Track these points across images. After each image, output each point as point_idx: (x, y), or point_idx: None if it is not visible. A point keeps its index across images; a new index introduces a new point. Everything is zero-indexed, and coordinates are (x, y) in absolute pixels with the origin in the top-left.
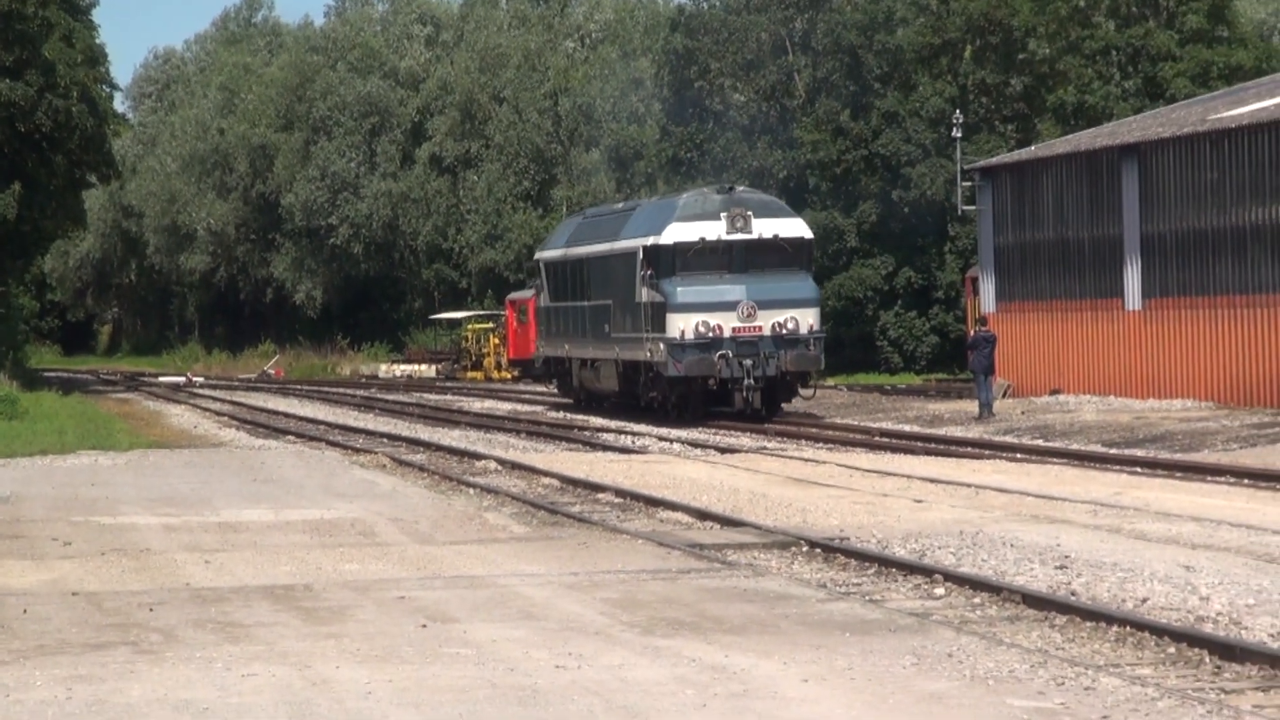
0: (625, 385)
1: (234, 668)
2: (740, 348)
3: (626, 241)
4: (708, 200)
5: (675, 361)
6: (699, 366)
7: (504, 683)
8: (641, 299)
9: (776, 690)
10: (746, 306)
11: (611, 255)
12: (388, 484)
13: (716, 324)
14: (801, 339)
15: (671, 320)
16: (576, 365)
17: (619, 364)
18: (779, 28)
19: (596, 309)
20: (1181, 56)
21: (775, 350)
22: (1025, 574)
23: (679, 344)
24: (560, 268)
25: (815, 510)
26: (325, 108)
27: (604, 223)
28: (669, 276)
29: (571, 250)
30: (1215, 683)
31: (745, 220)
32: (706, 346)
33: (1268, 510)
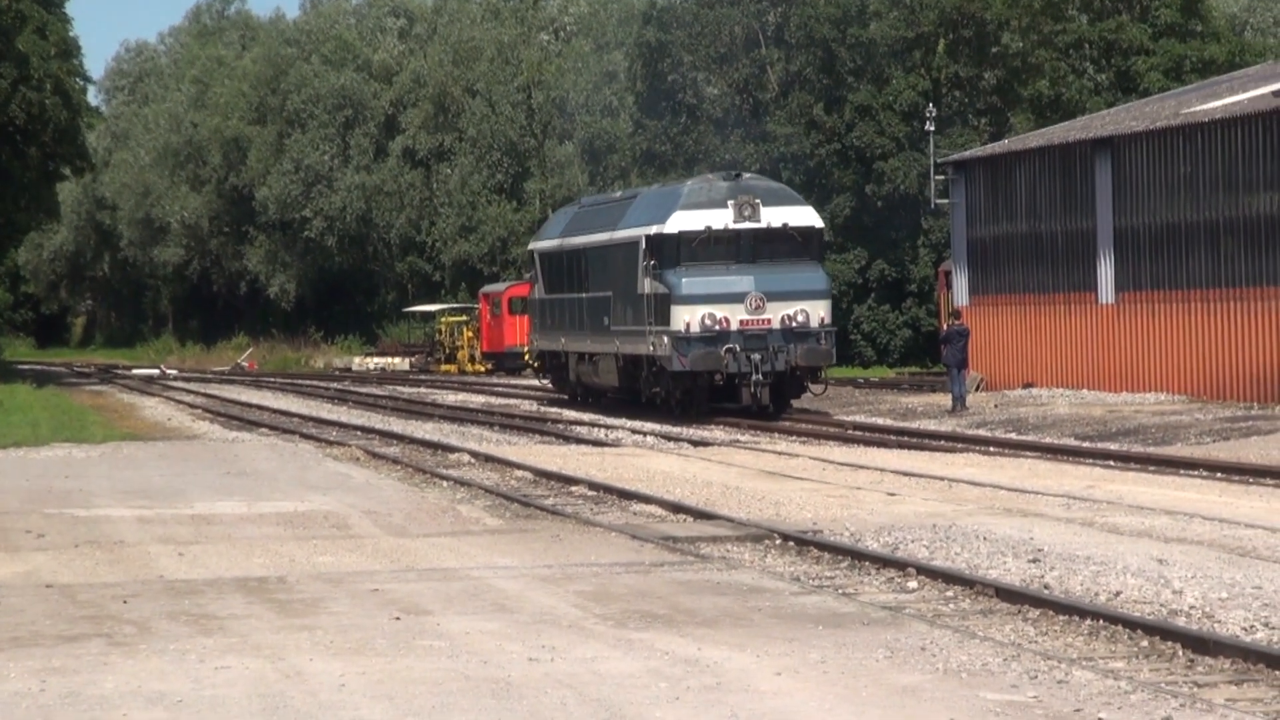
0: (625, 380)
1: (207, 660)
2: (748, 341)
3: (627, 231)
4: (714, 187)
5: (680, 356)
6: (705, 361)
7: (477, 675)
8: (644, 290)
9: (750, 683)
10: (755, 298)
11: (611, 245)
12: (361, 476)
13: (723, 316)
14: (812, 332)
15: (676, 312)
16: (573, 360)
17: (619, 358)
18: (752, 21)
19: (595, 301)
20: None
21: (785, 344)
22: (998, 567)
23: (684, 337)
24: (556, 259)
25: (788, 503)
26: (299, 101)
27: (602, 212)
28: (673, 267)
29: (568, 240)
30: (1188, 676)
31: (753, 208)
32: (713, 340)
33: (1240, 504)
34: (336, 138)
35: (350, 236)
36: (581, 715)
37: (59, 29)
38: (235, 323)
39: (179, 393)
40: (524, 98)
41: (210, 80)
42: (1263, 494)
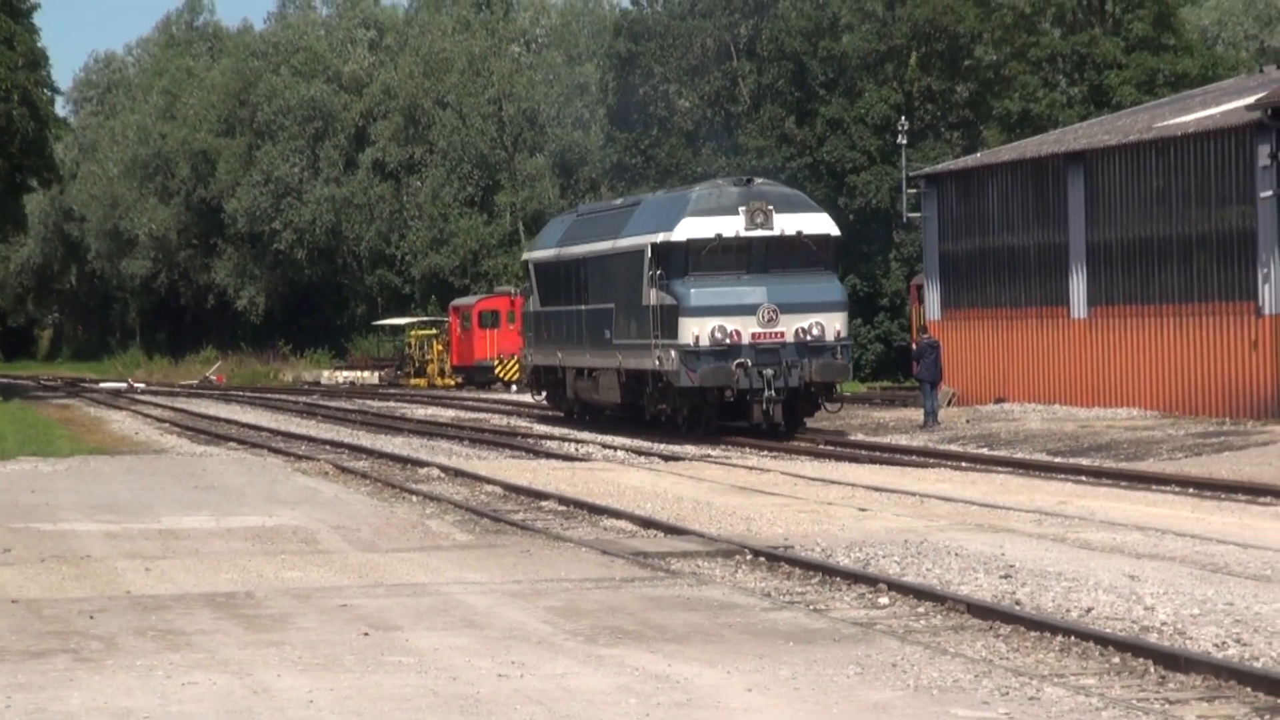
0: (628, 397)
1: (174, 676)
2: (760, 356)
3: (631, 239)
4: (724, 193)
5: (688, 370)
6: (715, 376)
7: (446, 691)
8: (649, 302)
9: (720, 700)
10: (768, 310)
11: (613, 255)
12: (330, 491)
13: (734, 329)
14: (828, 346)
15: (684, 325)
16: (571, 375)
17: (621, 373)
18: (723, 33)
19: (595, 313)
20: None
21: (799, 359)
22: (970, 583)
23: (693, 351)
24: (552, 269)
25: (759, 518)
26: (268, 112)
27: (602, 220)
28: (681, 277)
29: (565, 250)
30: (1160, 693)
31: (766, 215)
32: (723, 354)
33: (1212, 520)
34: (306, 150)
35: (320, 249)
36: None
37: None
38: (203, 336)
39: (147, 406)
40: (495, 110)
41: (179, 91)
42: (1235, 510)
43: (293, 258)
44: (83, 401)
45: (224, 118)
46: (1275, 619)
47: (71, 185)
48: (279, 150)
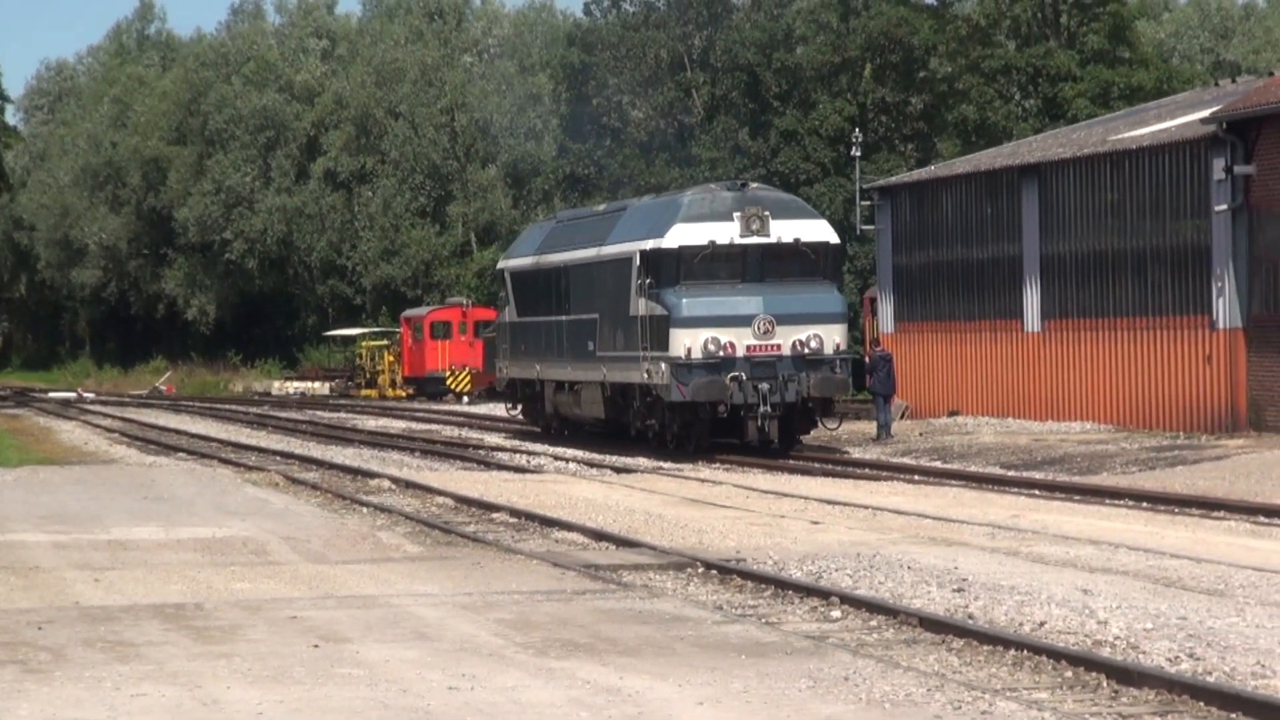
0: (613, 412)
1: (123, 687)
2: (755, 369)
3: (617, 246)
4: (717, 198)
5: (679, 384)
6: (708, 390)
7: (397, 704)
8: (638, 312)
9: (671, 713)
10: (763, 321)
11: (597, 263)
12: (280, 502)
13: (728, 341)
14: (826, 360)
15: (675, 337)
16: (550, 389)
17: (606, 387)
18: (677, 44)
19: (577, 324)
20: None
21: (796, 372)
22: (922, 597)
23: (684, 364)
24: (530, 278)
25: (711, 531)
26: (219, 121)
27: (584, 227)
28: (672, 286)
29: (545, 258)
30: (1112, 707)
31: (762, 221)
32: (716, 367)
33: (1166, 534)
34: (257, 159)
35: (271, 259)
36: None
37: None
38: (153, 346)
39: (96, 416)
40: (447, 120)
41: (130, 100)
42: (1189, 524)
43: (243, 267)
44: (32, 411)
45: (175, 126)
46: (1228, 634)
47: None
48: (230, 159)
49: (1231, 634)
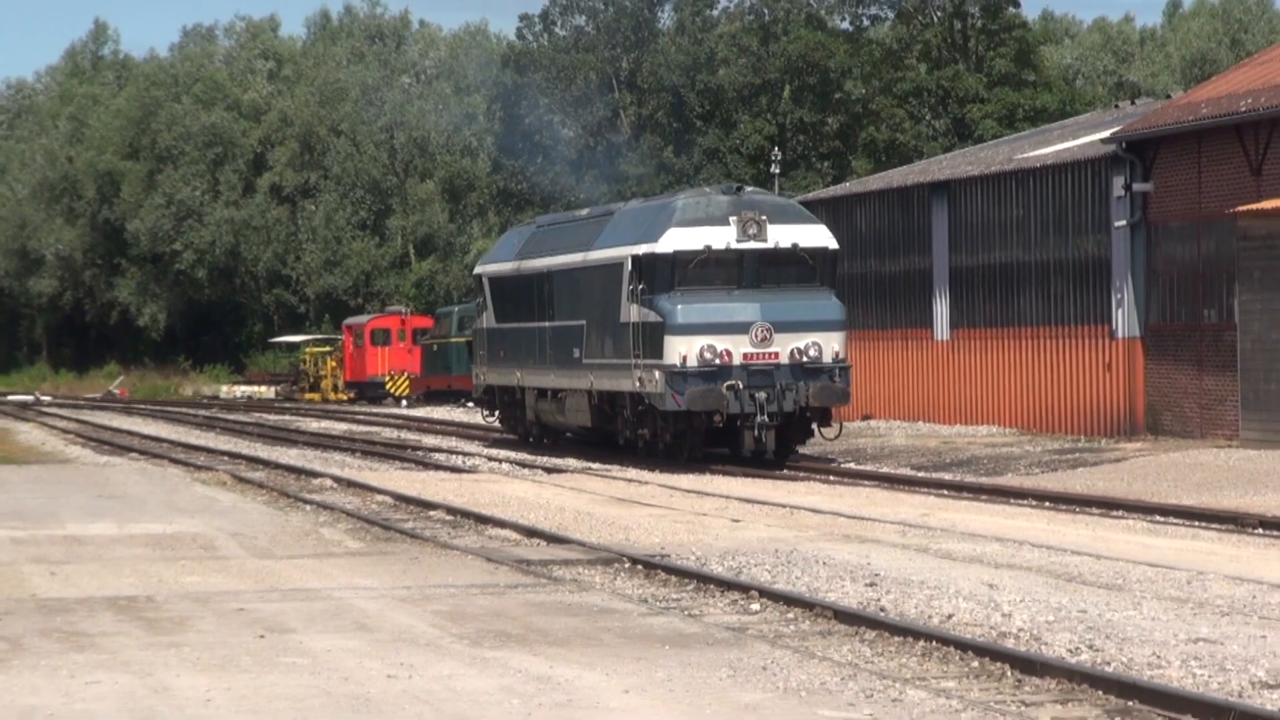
0: (600, 420)
1: (78, 675)
2: (752, 378)
3: (606, 251)
4: (712, 202)
5: (674, 393)
6: (705, 400)
7: (338, 691)
8: (629, 319)
9: (599, 700)
10: (761, 329)
11: (585, 268)
12: (228, 500)
13: (725, 349)
14: (825, 368)
15: (670, 344)
16: (532, 396)
17: (593, 395)
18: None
19: (562, 331)
20: (989, 99)
21: (794, 381)
22: (837, 590)
23: (679, 372)
24: (510, 284)
25: (637, 528)
26: (170, 138)
27: (568, 231)
28: (666, 292)
29: (526, 264)
30: (1016, 695)
31: (759, 226)
32: (712, 376)
33: (1067, 531)
34: (206, 174)
35: (219, 269)
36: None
37: None
38: (107, 351)
39: (52, 418)
40: (386, 137)
41: (85, 117)
42: (1088, 522)
43: (193, 277)
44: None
45: (128, 142)
46: (1126, 626)
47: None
48: (180, 174)
49: (1129, 626)
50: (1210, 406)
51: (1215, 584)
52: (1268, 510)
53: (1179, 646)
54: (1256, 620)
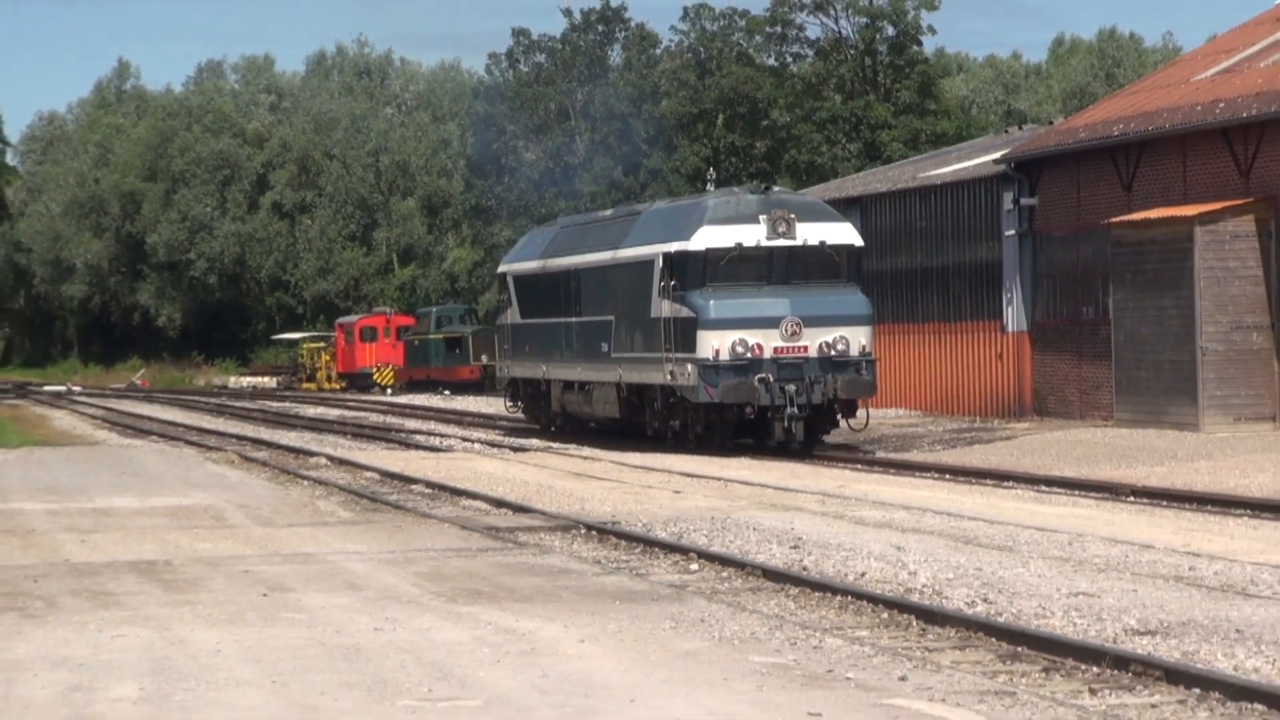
0: (627, 412)
1: (105, 629)
2: (782, 371)
3: (636, 249)
4: (742, 201)
5: (707, 386)
6: (737, 392)
7: (332, 642)
8: (661, 314)
9: (558, 649)
10: (791, 323)
11: (614, 266)
12: (235, 476)
13: (756, 343)
14: (852, 361)
15: (703, 338)
16: (558, 388)
17: (621, 387)
18: (564, 98)
19: (589, 326)
20: (896, 125)
21: (822, 374)
22: (765, 552)
23: (712, 365)
24: (535, 281)
25: (592, 499)
26: (184, 162)
27: (594, 231)
28: (698, 288)
29: (552, 262)
30: (921, 643)
31: (788, 224)
32: (744, 369)
33: (964, 500)
34: (216, 193)
35: (227, 275)
36: (418, 676)
37: None
38: (130, 347)
39: (82, 407)
40: (373, 160)
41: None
42: (983, 492)
43: (205, 282)
44: (29, 402)
45: (148, 166)
46: (1015, 582)
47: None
48: (193, 193)
49: (1018, 582)
50: (1088, 391)
51: (1093, 545)
52: (1138, 480)
53: (1061, 599)
54: (1129, 576)
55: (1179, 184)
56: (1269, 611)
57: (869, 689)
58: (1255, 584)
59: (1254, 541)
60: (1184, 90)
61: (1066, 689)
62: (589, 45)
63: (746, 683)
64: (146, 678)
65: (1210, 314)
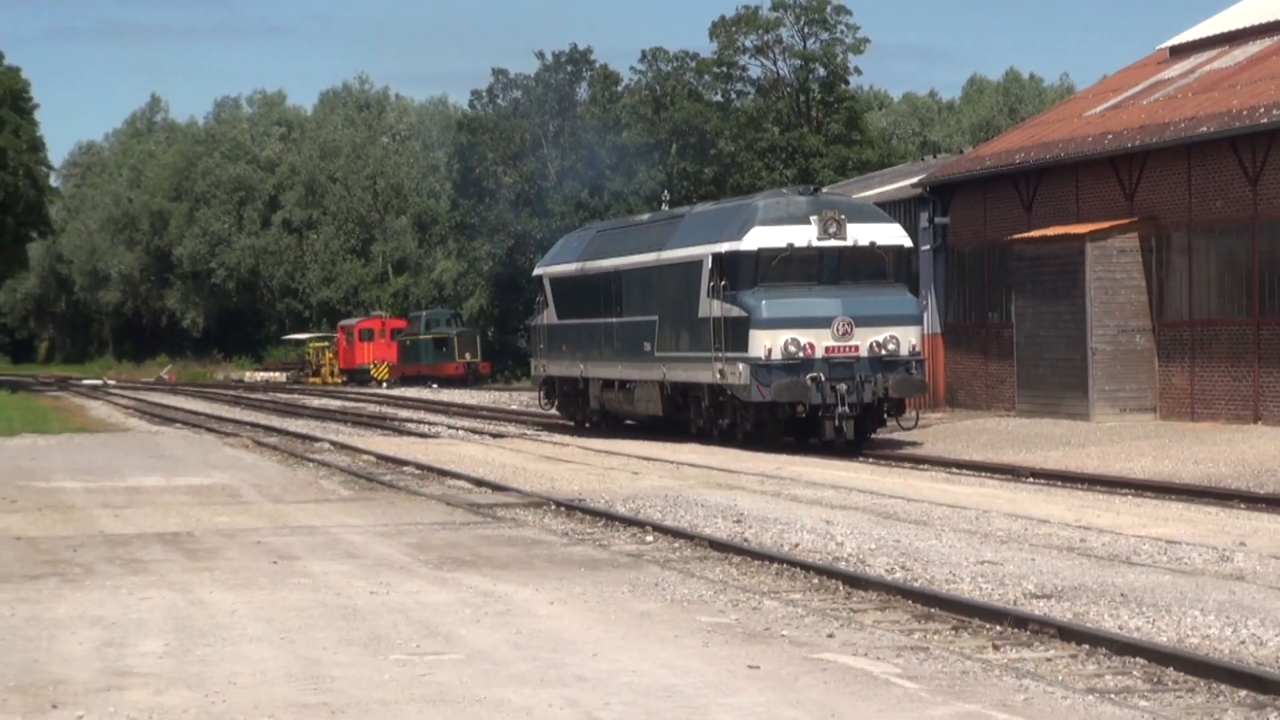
0: (670, 410)
1: (135, 592)
2: (833, 370)
3: (683, 250)
4: (791, 202)
5: (760, 385)
6: (790, 391)
7: (333, 604)
8: (711, 314)
9: (531, 609)
10: (842, 323)
11: (658, 267)
12: (250, 459)
13: (808, 343)
14: (902, 361)
15: (756, 338)
16: (597, 386)
17: (665, 386)
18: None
19: (632, 326)
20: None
21: (872, 373)
22: (711, 526)
23: (764, 365)
24: (574, 283)
25: (560, 479)
26: (205, 185)
27: (633, 234)
28: (750, 288)
29: (591, 264)
30: (847, 604)
31: (839, 224)
32: (795, 368)
33: (885, 481)
34: (233, 211)
35: (244, 283)
36: (408, 633)
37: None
38: (158, 346)
39: (116, 398)
40: (371, 183)
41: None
42: (902, 474)
43: (224, 289)
44: (69, 394)
45: (174, 187)
46: (929, 552)
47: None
48: (213, 211)
49: (932, 553)
50: (994, 386)
51: (997, 520)
52: (1036, 463)
53: (969, 567)
54: (1028, 547)
55: (1072, 205)
56: (1149, 578)
57: (801, 645)
58: (1138, 554)
59: (1137, 517)
60: (1077, 124)
61: (973, 645)
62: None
63: (694, 639)
64: (171, 634)
65: (1099, 319)
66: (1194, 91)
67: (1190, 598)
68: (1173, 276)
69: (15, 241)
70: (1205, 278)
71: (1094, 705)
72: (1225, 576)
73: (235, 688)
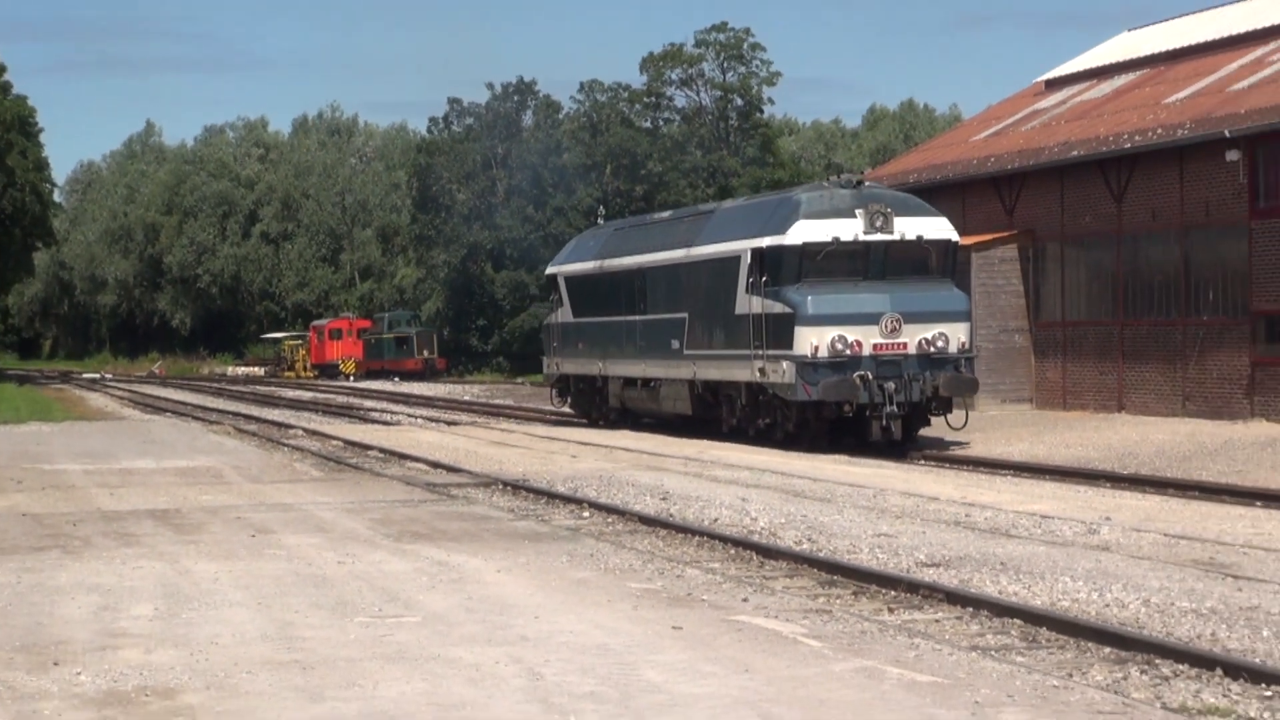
0: (700, 409)
1: (128, 562)
2: (881, 368)
3: (717, 246)
4: (835, 195)
5: (805, 384)
6: (838, 390)
7: (305, 572)
8: (749, 310)
9: (480, 577)
10: (891, 320)
11: (689, 263)
12: (231, 444)
13: (855, 340)
14: (951, 358)
15: (801, 335)
16: (617, 384)
17: (695, 385)
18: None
19: (657, 323)
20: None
21: (920, 371)
22: (640, 503)
23: (810, 363)
24: (591, 281)
25: (508, 462)
26: (193, 200)
27: (657, 231)
28: (794, 284)
29: (610, 262)
30: (760, 572)
31: (885, 218)
32: (842, 366)
33: (794, 464)
34: (217, 224)
35: (226, 288)
36: (372, 598)
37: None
38: (150, 344)
39: (112, 390)
40: (340, 199)
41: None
42: (809, 458)
43: (209, 293)
44: (71, 386)
45: (165, 202)
46: (832, 526)
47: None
48: (199, 224)
49: (835, 527)
50: None
51: (893, 497)
52: (927, 447)
53: (868, 539)
54: (920, 521)
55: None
56: (1026, 548)
57: (719, 608)
58: (1016, 527)
59: (1015, 495)
60: (964, 148)
61: (871, 608)
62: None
63: (625, 603)
64: (160, 600)
65: (983, 320)
66: (1066, 120)
67: (1061, 566)
68: (1047, 283)
69: (22, 250)
70: (1076, 284)
71: (977, 660)
72: (1092, 547)
73: (217, 647)
